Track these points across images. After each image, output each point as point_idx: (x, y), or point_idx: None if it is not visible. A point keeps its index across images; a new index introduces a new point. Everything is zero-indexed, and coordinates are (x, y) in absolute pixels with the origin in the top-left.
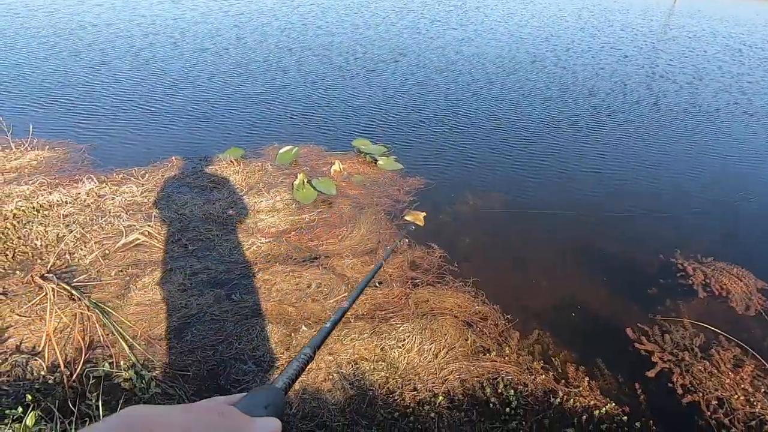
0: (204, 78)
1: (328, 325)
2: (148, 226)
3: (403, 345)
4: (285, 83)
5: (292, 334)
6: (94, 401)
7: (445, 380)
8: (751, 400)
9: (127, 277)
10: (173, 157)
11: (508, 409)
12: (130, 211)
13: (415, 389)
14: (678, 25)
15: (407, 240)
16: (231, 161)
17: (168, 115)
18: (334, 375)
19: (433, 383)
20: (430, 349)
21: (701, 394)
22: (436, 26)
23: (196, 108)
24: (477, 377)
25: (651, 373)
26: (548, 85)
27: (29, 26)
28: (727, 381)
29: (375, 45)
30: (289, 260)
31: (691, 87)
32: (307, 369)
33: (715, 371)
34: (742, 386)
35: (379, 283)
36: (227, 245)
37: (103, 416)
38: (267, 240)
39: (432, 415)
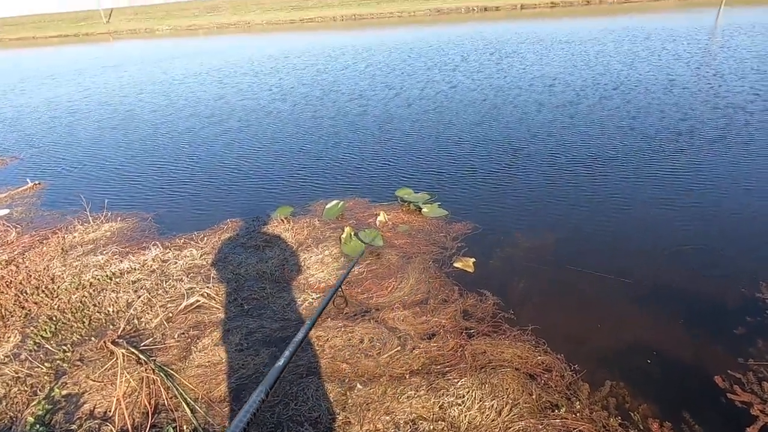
0: (253, 146)
1: (281, 362)
2: (207, 287)
3: (462, 402)
4: (327, 142)
5: (348, 393)
6: None
7: None
8: None
9: (189, 339)
10: (229, 220)
11: None
12: (191, 274)
13: None
14: (730, 45)
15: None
16: (281, 220)
17: (223, 182)
18: None
19: None
20: (492, 405)
21: None
22: (474, 76)
23: (248, 174)
24: None
25: (752, 429)
26: (591, 122)
27: (103, 111)
28: None
29: (412, 97)
30: (340, 315)
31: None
32: (365, 429)
33: None
34: None
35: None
36: (280, 302)
37: None
38: (318, 295)
39: None
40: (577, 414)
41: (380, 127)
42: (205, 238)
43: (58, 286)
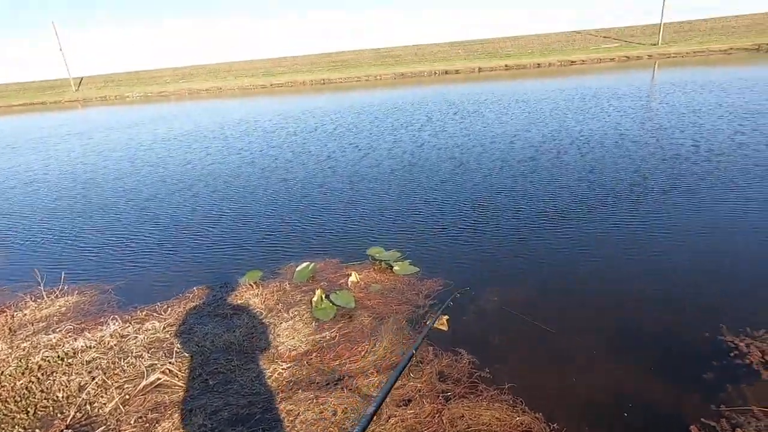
0: (220, 211)
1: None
2: (170, 363)
3: None
4: (297, 203)
5: None
6: None
7: None
8: None
9: (147, 424)
10: (195, 288)
11: None
12: (152, 349)
13: None
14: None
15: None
16: (250, 285)
17: (189, 249)
18: None
19: None
20: None
21: None
22: (439, 135)
23: (215, 239)
24: None
25: None
26: (552, 176)
27: (63, 179)
28: None
29: (380, 157)
30: (312, 385)
31: (697, 156)
32: None
33: None
34: None
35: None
36: (248, 375)
37: None
38: (288, 365)
39: None
40: None
41: (350, 188)
42: (170, 309)
43: (1, 372)
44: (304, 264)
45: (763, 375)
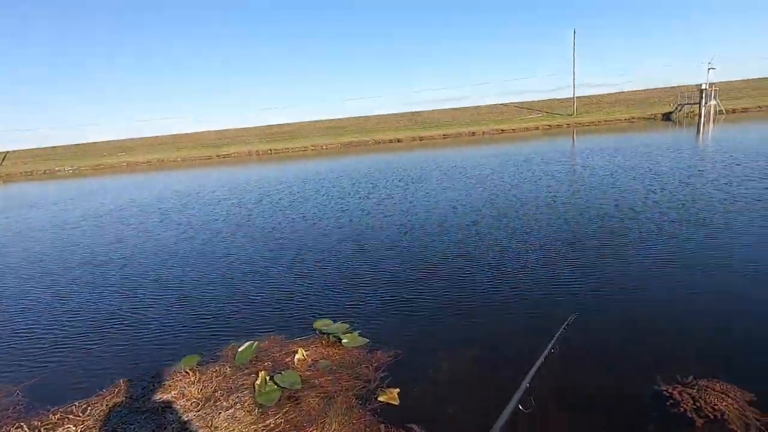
0: (154, 292)
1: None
2: None
3: None
4: (240, 279)
5: None
6: None
7: None
8: None
9: None
10: (122, 381)
11: None
12: None
13: None
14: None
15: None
16: (186, 372)
17: (116, 337)
18: None
19: None
20: None
21: None
22: (383, 204)
23: (148, 323)
24: None
25: None
26: (493, 238)
27: None
28: None
29: (327, 227)
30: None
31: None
32: None
33: None
34: None
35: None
36: None
37: None
38: None
39: None
40: None
41: (295, 260)
42: (89, 408)
43: None
44: (247, 344)
45: (696, 422)
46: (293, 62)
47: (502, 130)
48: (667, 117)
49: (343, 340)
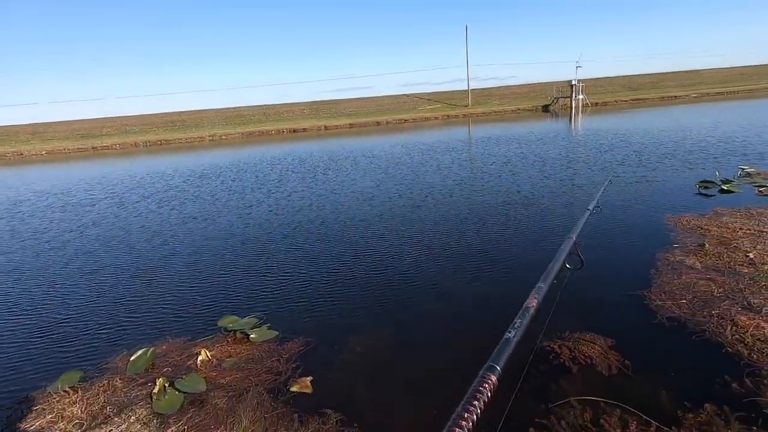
0: (21, 305)
1: (512, 333)
2: None
3: None
4: (126, 283)
5: None
6: None
7: None
8: None
9: None
10: None
11: None
12: None
13: None
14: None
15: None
16: (65, 391)
17: None
18: None
19: None
20: None
21: None
22: (291, 197)
23: (10, 339)
24: None
25: None
26: (407, 223)
27: None
28: None
29: (229, 222)
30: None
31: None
32: None
33: None
34: None
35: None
36: None
37: None
38: None
39: None
40: None
41: (191, 257)
42: None
43: None
44: (141, 351)
45: (573, 369)
46: (186, 46)
47: (405, 120)
48: (545, 108)
49: (251, 336)
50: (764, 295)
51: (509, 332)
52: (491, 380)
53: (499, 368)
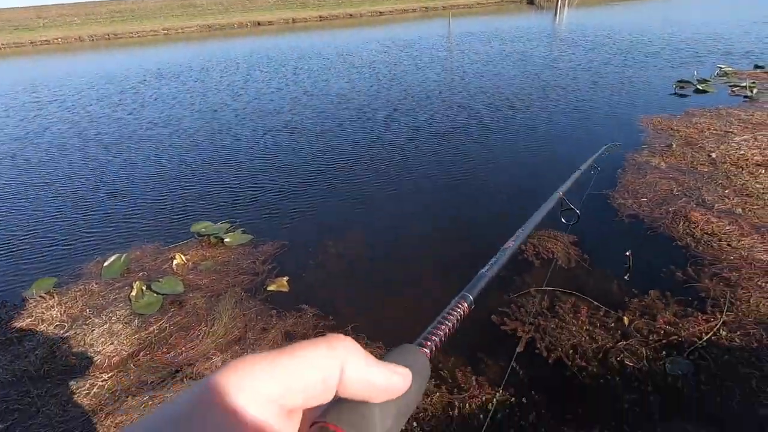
0: None
1: (486, 268)
2: None
3: None
4: (93, 189)
5: None
6: None
7: None
8: (594, 336)
9: None
10: None
11: None
12: None
13: None
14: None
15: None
16: (41, 297)
17: None
18: None
19: None
20: None
21: (560, 349)
22: (260, 99)
23: None
24: None
25: (520, 348)
26: (384, 122)
27: None
28: (574, 328)
29: (192, 127)
30: (144, 387)
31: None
32: None
33: (563, 323)
34: (585, 327)
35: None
36: (55, 402)
37: None
38: (110, 374)
39: None
40: None
41: (156, 166)
42: None
43: None
44: (114, 257)
45: (535, 264)
46: None
47: (381, 12)
48: (530, 1)
49: (226, 240)
50: (718, 193)
51: (484, 268)
52: (462, 305)
53: (471, 297)
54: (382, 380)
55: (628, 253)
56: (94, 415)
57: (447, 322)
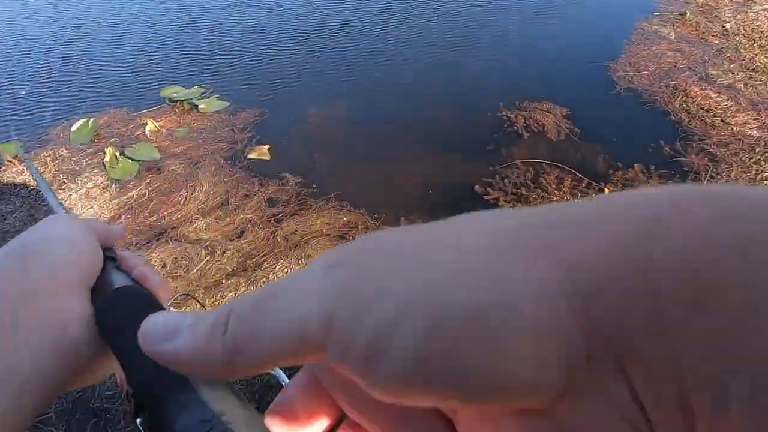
0: None
1: None
2: None
3: None
4: (32, 53)
5: None
6: None
7: None
8: None
9: None
10: None
11: None
12: None
13: None
14: None
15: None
16: (7, 161)
17: None
18: None
19: None
20: None
21: None
22: None
23: None
24: None
25: None
26: None
27: None
28: (555, 198)
29: None
30: (129, 247)
31: None
32: None
33: (545, 194)
34: (566, 198)
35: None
36: None
37: None
38: None
39: None
40: None
41: (117, 26)
42: None
43: None
44: (81, 121)
45: (524, 136)
46: None
47: None
48: None
49: (200, 106)
50: (724, 67)
51: None
52: None
53: None
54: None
55: None
56: None
57: None
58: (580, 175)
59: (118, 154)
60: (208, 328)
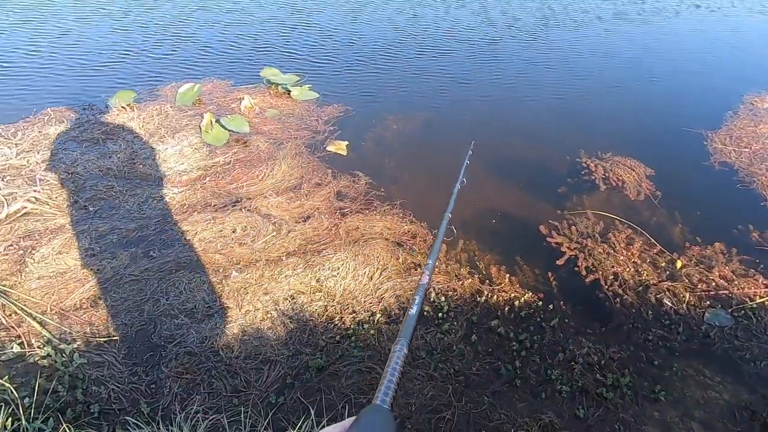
0: (79, 20)
1: (414, 309)
2: (34, 191)
3: (337, 273)
4: (174, 18)
5: (224, 281)
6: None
7: (381, 299)
8: (639, 270)
9: (21, 251)
10: (50, 109)
11: (440, 314)
12: (7, 177)
13: (353, 312)
14: None
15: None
16: (122, 107)
17: (37, 64)
18: (272, 313)
19: (370, 303)
20: (365, 272)
21: (600, 272)
22: None
23: (71, 52)
24: (410, 291)
25: (560, 261)
26: (453, 19)
27: None
28: (621, 258)
29: None
30: (208, 207)
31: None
32: (244, 310)
33: (612, 251)
34: (633, 260)
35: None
36: (135, 201)
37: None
38: (180, 189)
39: (372, 331)
40: (436, 269)
41: (239, 6)
42: (20, 133)
43: None
44: (188, 85)
45: (601, 187)
46: None
47: None
48: None
49: (293, 92)
50: None
51: (412, 309)
52: (404, 352)
53: (407, 342)
54: None
55: None
56: (165, 220)
57: (397, 373)
58: (653, 240)
59: (213, 120)
60: None
